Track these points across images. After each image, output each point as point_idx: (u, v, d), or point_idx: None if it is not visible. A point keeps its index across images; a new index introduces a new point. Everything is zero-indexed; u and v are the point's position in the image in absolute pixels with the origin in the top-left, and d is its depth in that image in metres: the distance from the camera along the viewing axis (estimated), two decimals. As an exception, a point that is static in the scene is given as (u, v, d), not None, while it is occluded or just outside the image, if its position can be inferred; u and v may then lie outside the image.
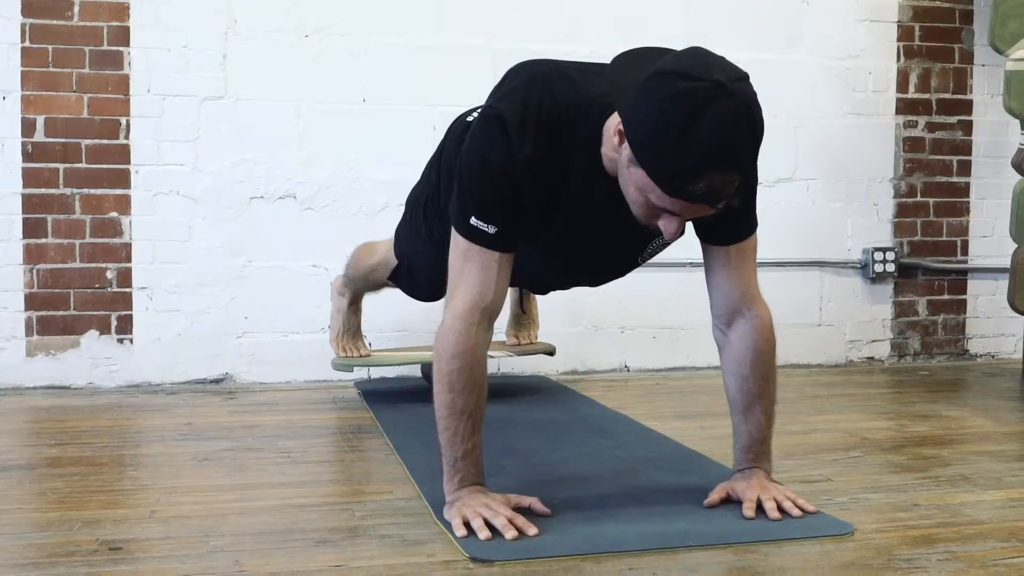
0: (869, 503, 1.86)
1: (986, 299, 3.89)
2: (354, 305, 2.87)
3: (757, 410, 1.84)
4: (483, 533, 1.61)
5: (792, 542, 1.61)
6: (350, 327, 2.89)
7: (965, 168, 3.84)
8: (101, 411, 2.78)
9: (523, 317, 3.09)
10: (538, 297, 3.10)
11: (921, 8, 3.76)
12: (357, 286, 2.78)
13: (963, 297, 3.87)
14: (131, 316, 3.15)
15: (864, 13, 3.71)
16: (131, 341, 3.15)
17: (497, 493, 1.72)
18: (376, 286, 2.71)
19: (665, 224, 1.57)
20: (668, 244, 1.82)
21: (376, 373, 3.32)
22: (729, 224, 1.77)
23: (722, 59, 1.52)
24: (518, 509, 1.70)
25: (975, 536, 1.65)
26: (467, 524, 1.63)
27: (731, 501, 1.80)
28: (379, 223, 3.29)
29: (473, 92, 3.36)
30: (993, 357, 3.90)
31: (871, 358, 3.77)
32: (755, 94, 1.49)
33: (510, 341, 3.10)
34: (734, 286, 1.82)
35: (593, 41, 3.46)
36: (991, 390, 3.23)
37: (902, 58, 3.76)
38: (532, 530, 1.62)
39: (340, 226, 3.28)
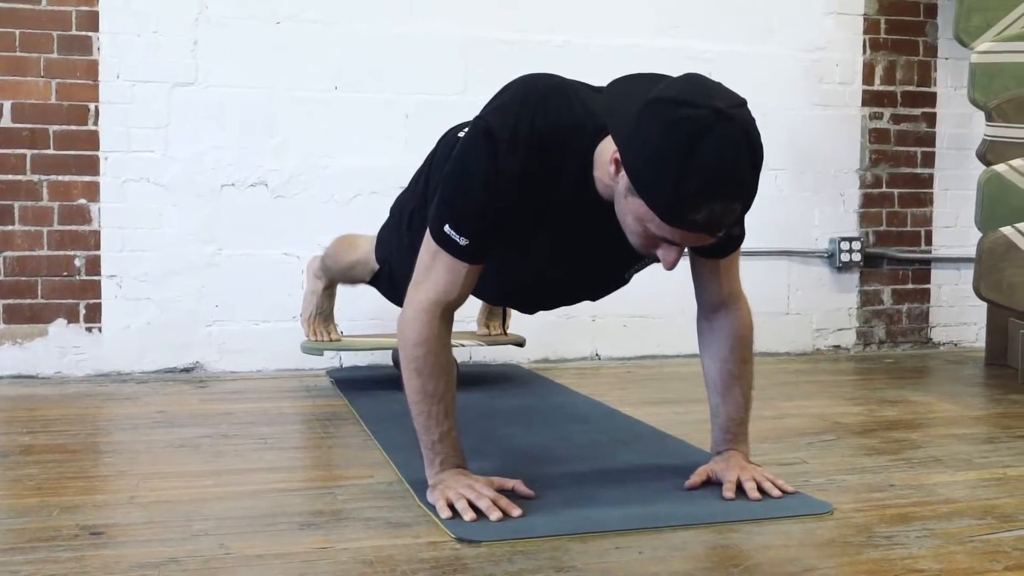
0: (845, 484, 1.89)
1: (949, 288, 3.95)
2: (329, 289, 2.86)
3: (736, 391, 1.87)
4: (468, 515, 1.61)
5: (773, 521, 1.63)
6: (323, 310, 2.88)
7: (929, 159, 3.90)
8: (71, 400, 2.75)
9: (494, 307, 3.09)
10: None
11: (887, 1, 3.81)
12: (334, 276, 2.77)
13: (927, 286, 3.93)
14: (100, 305, 3.11)
15: (831, 6, 3.75)
16: (100, 330, 3.12)
17: (479, 476, 1.73)
18: (353, 281, 2.69)
19: (664, 253, 1.54)
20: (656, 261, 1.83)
21: (348, 361, 3.31)
22: (721, 241, 1.77)
23: (719, 85, 1.50)
24: (502, 491, 1.70)
25: (951, 514, 1.69)
26: (451, 506, 1.64)
27: (711, 483, 1.83)
28: (351, 211, 3.29)
29: (445, 81, 3.38)
30: (956, 345, 3.96)
31: (837, 346, 3.82)
32: (754, 119, 1.47)
33: (481, 331, 3.10)
34: (720, 288, 1.86)
35: (565, 31, 3.47)
36: (955, 377, 3.29)
37: (868, 51, 3.80)
38: (516, 511, 1.63)
39: (312, 214, 3.26)
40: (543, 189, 1.65)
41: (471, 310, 3.29)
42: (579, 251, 1.78)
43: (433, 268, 1.71)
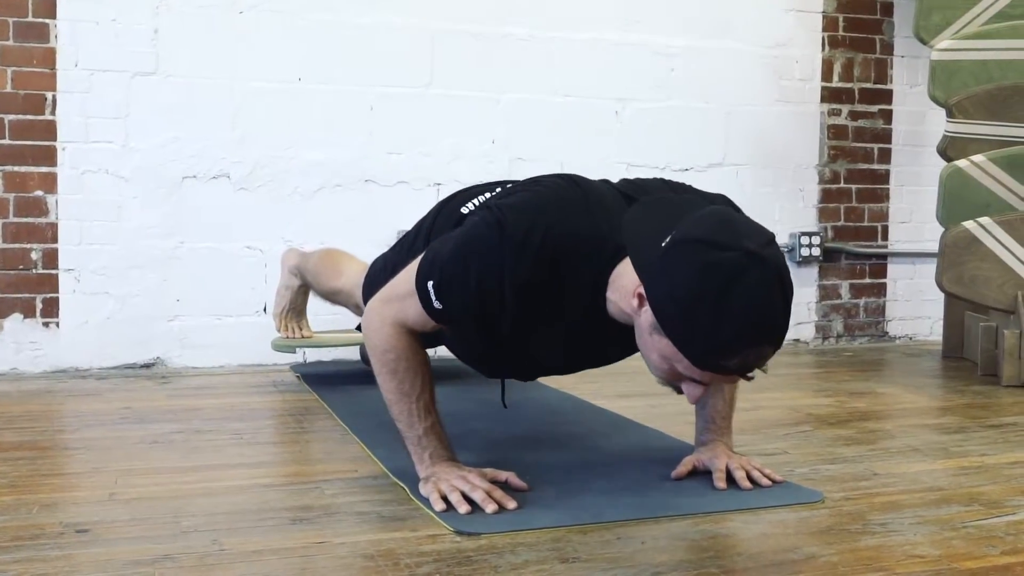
0: (829, 473, 1.90)
1: (904, 283, 4.02)
2: (304, 288, 2.80)
3: (722, 385, 1.87)
4: (462, 507, 1.59)
5: (767, 510, 1.64)
6: (296, 306, 2.83)
7: (885, 156, 3.96)
8: (30, 397, 2.67)
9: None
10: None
11: (845, -1, 3.87)
12: (311, 288, 2.71)
13: (883, 281, 4.00)
14: (57, 299, 3.03)
15: (791, 3, 3.79)
16: (57, 325, 3.03)
17: (471, 467, 1.71)
18: (332, 303, 2.62)
19: (689, 389, 1.50)
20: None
21: (312, 356, 3.26)
22: None
23: (747, 220, 1.46)
24: (494, 483, 1.69)
25: (938, 501, 1.71)
26: (444, 498, 1.62)
27: (697, 472, 1.83)
28: (315, 204, 3.24)
29: (410, 73, 3.34)
30: (911, 339, 4.03)
31: (797, 340, 3.86)
32: (783, 256, 1.44)
33: (451, 324, 3.07)
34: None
35: (529, 24, 3.46)
36: (915, 369, 3.34)
37: (827, 48, 3.85)
38: (512, 504, 1.62)
39: (275, 207, 3.21)
40: (546, 302, 1.62)
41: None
42: (580, 347, 1.76)
43: (405, 300, 1.68)
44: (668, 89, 3.63)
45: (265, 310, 3.20)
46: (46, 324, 3.02)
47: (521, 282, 1.57)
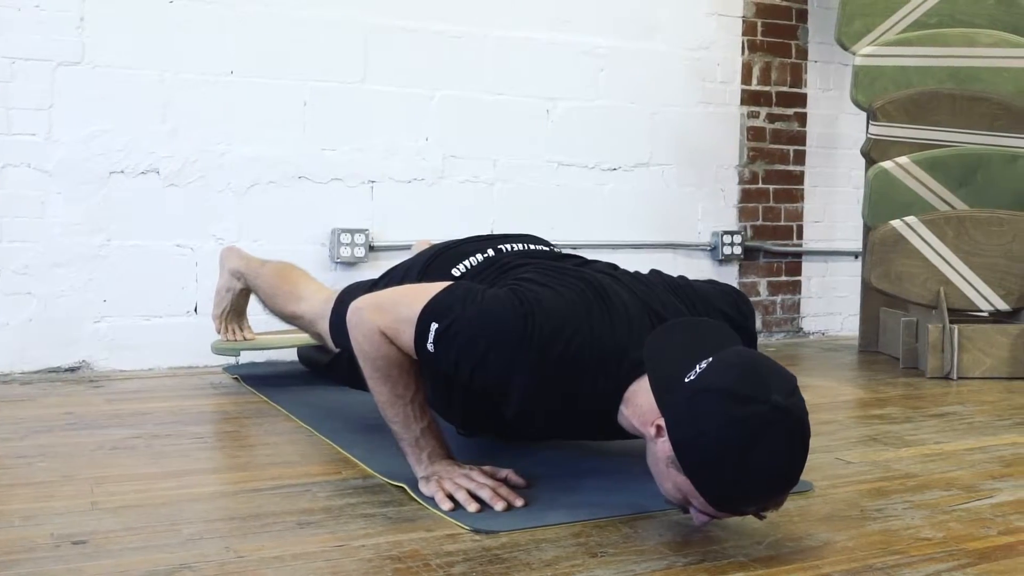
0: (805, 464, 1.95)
1: (818, 280, 4.16)
2: (246, 291, 2.71)
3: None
4: (471, 506, 1.58)
5: (765, 500, 1.67)
6: (237, 307, 2.75)
7: (800, 157, 4.09)
8: (-45, 403, 2.51)
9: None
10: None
11: (763, 5, 3.98)
12: (260, 300, 2.62)
13: (798, 278, 4.13)
14: (-25, 300, 2.87)
15: (713, 7, 3.88)
16: (-25, 327, 2.87)
17: (471, 465, 1.70)
18: (287, 323, 2.55)
19: (697, 515, 1.47)
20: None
21: (245, 358, 3.17)
22: None
23: (772, 365, 1.45)
24: (495, 479, 1.68)
25: (919, 487, 1.78)
26: (451, 497, 1.60)
27: (683, 466, 1.86)
28: (248, 201, 3.15)
29: (345, 68, 3.28)
30: (824, 334, 4.18)
31: (718, 336, 3.95)
32: (803, 402, 1.42)
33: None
34: None
35: (463, 22, 3.45)
36: (839, 363, 3.47)
37: (746, 52, 3.96)
38: (519, 501, 1.61)
39: (207, 204, 3.10)
40: (554, 404, 1.62)
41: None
42: (575, 431, 1.80)
43: (401, 320, 1.64)
44: (597, 89, 3.67)
45: (196, 310, 3.10)
46: (-36, 326, 2.86)
47: (535, 384, 1.57)
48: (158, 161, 3.05)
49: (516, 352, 1.55)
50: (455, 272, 1.94)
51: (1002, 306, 3.10)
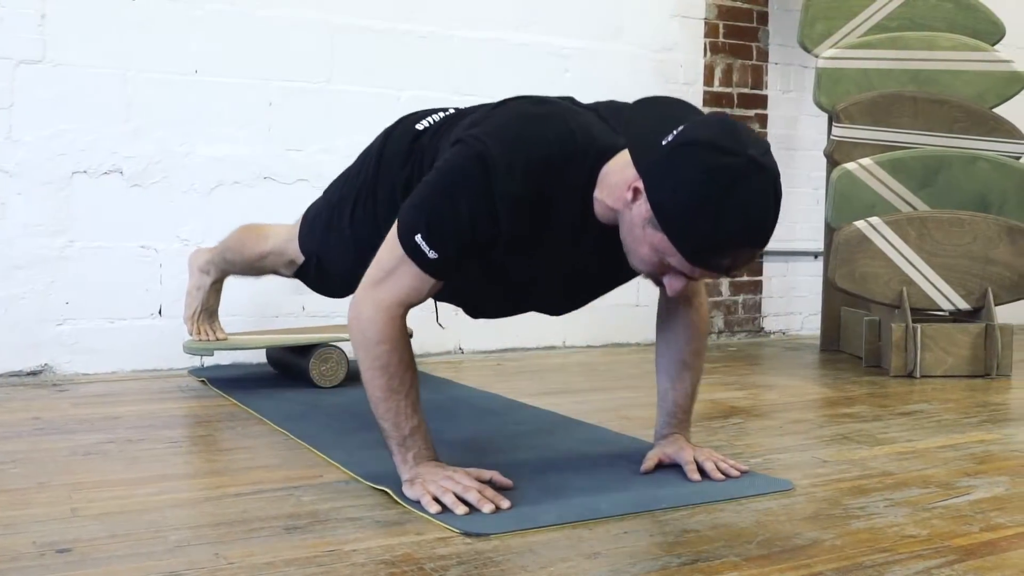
0: (782, 463, 1.98)
1: (778, 280, 4.21)
2: (217, 284, 2.70)
3: (686, 379, 1.91)
4: (459, 508, 1.57)
5: (749, 499, 1.69)
6: (208, 307, 2.72)
7: (761, 158, 4.13)
8: (-85, 409, 2.45)
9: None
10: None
11: (724, 7, 4.01)
12: (232, 269, 2.60)
13: (759, 279, 4.18)
14: (-67, 303, 2.80)
15: (676, 9, 3.91)
16: (-67, 331, 2.80)
17: (455, 467, 1.70)
18: (260, 273, 2.53)
19: (672, 281, 1.54)
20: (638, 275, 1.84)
21: (209, 361, 3.13)
22: None
23: (748, 129, 1.52)
24: (480, 481, 1.67)
25: (897, 485, 1.80)
26: (437, 500, 1.60)
27: (663, 466, 1.87)
28: (213, 201, 3.12)
29: (310, 68, 3.26)
30: (784, 334, 4.23)
31: (682, 336, 3.98)
32: (777, 165, 1.50)
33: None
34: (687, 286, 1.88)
35: (430, 22, 3.44)
36: (803, 362, 3.51)
37: (708, 53, 3.99)
38: (505, 503, 1.61)
39: (171, 204, 3.07)
40: (535, 216, 1.62)
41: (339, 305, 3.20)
42: (566, 272, 1.76)
43: (396, 272, 1.64)
44: (563, 89, 3.63)
45: (161, 312, 3.06)
46: (-78, 330, 2.79)
47: (513, 198, 1.58)
48: (121, 161, 3.00)
49: (485, 184, 1.56)
50: (419, 127, 1.95)
51: (963, 305, 3.16)
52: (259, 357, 3.16)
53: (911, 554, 1.42)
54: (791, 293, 4.22)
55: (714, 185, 1.42)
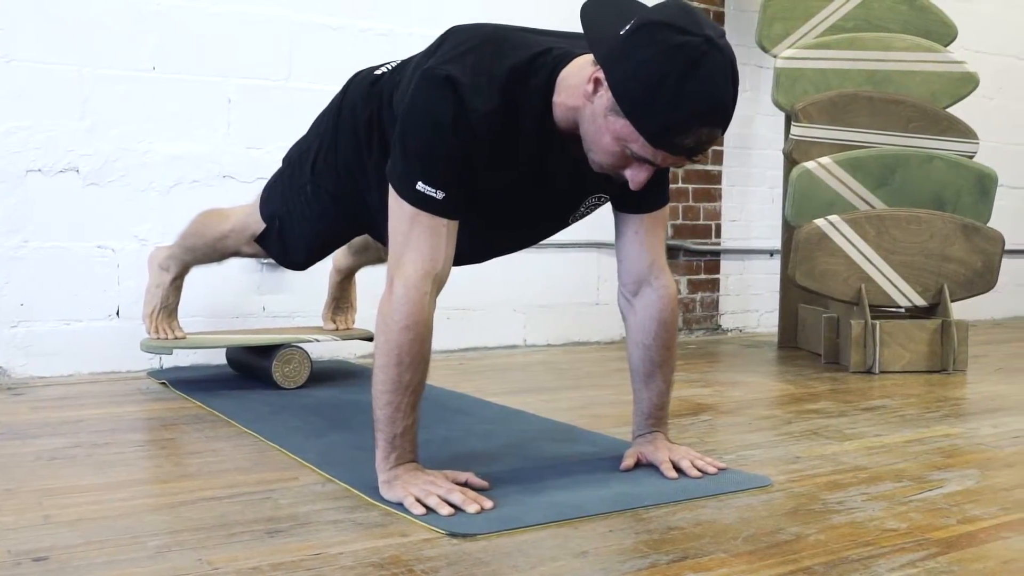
0: (756, 459, 1.99)
1: (735, 278, 4.25)
2: (177, 281, 2.66)
3: (658, 378, 1.91)
4: (444, 510, 1.56)
5: (729, 496, 1.70)
6: (167, 305, 2.67)
7: (718, 157, 4.17)
8: None
9: (342, 301, 3.00)
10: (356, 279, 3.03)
11: (682, 7, 4.04)
12: (194, 257, 2.56)
13: (716, 277, 4.21)
14: None
15: (634, 8, 3.92)
16: None
17: (432, 469, 1.68)
18: (222, 255, 2.50)
19: (634, 173, 1.57)
20: (599, 205, 1.85)
21: (168, 362, 3.08)
22: (646, 193, 1.78)
23: (703, 14, 1.56)
24: (456, 484, 1.66)
25: (872, 479, 1.83)
26: (420, 502, 1.58)
27: (641, 464, 1.87)
28: (171, 200, 3.06)
29: (269, 65, 3.21)
30: (741, 331, 4.27)
31: (642, 334, 4.00)
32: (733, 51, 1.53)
33: (328, 325, 3.00)
34: (645, 253, 1.87)
35: (389, 19, 3.42)
36: (763, 359, 3.55)
37: (666, 53, 4.01)
38: (488, 503, 1.60)
39: (128, 203, 3.01)
40: (507, 127, 1.64)
41: (316, 304, 3.17)
42: (535, 189, 1.75)
43: (412, 235, 1.63)
44: (523, 89, 3.66)
45: (119, 313, 3.00)
46: None
47: (485, 112, 1.60)
48: (77, 159, 2.94)
49: (460, 103, 1.58)
50: (377, 72, 1.98)
51: (919, 302, 3.21)
52: (219, 358, 3.11)
53: (893, 548, 1.44)
54: (747, 291, 4.27)
55: (673, 63, 1.44)
